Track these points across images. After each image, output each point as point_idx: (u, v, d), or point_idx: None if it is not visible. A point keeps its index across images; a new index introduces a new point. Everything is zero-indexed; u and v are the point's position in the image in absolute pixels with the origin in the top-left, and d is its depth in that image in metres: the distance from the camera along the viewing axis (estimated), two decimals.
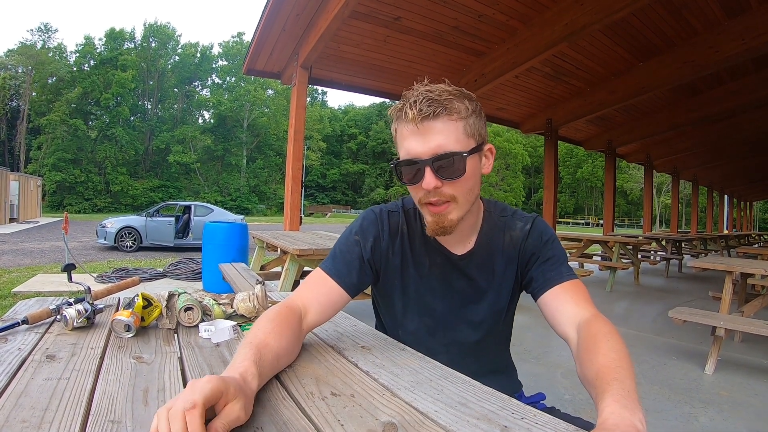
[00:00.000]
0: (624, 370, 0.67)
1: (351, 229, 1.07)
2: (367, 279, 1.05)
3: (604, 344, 0.75)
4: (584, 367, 0.75)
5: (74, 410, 0.62)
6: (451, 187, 0.90)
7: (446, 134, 0.87)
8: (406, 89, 0.92)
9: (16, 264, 7.80)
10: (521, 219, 1.06)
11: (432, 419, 0.64)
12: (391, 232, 1.05)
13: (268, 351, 0.75)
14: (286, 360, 0.82)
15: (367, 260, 1.03)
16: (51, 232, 15.82)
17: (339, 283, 0.99)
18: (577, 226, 54.61)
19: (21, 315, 0.99)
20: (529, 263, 1.02)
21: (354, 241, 1.04)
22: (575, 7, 5.01)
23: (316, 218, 45.04)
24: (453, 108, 0.88)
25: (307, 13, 5.17)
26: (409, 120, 0.87)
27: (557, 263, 0.99)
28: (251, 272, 3.99)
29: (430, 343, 1.08)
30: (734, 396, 2.88)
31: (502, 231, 1.06)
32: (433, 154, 0.87)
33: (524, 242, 1.03)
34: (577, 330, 0.85)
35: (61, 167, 42.03)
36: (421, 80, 0.92)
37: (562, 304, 0.92)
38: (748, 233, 18.39)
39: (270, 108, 53.30)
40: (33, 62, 44.05)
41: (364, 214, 1.09)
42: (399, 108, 0.90)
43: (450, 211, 0.92)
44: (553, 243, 1.03)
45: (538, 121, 9.15)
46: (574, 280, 0.95)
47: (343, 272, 1.00)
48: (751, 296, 4.50)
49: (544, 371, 3.18)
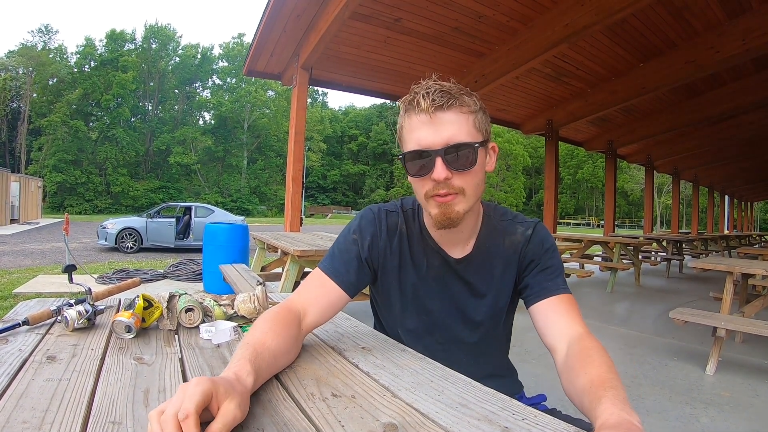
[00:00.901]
0: (617, 382, 0.69)
1: (349, 228, 1.07)
2: (366, 278, 1.05)
3: (598, 358, 0.76)
4: (575, 377, 0.76)
5: (75, 411, 0.62)
6: (461, 179, 0.90)
7: (458, 125, 0.88)
8: (414, 83, 0.92)
9: (17, 265, 7.81)
10: (522, 224, 1.06)
11: (433, 420, 0.63)
12: (389, 231, 1.05)
13: (264, 350, 0.75)
14: (285, 360, 0.82)
15: (365, 259, 1.03)
16: (52, 233, 15.83)
17: (338, 282, 0.99)
18: (578, 226, 54.61)
19: (22, 316, 0.99)
20: (527, 269, 1.02)
21: (352, 240, 1.04)
22: (576, 8, 5.02)
23: (316, 219, 45.04)
24: (464, 101, 0.89)
25: (307, 14, 5.18)
26: (422, 110, 0.87)
27: (554, 274, 0.99)
28: (252, 273, 3.99)
29: (428, 341, 1.09)
30: (735, 397, 2.88)
31: (501, 235, 1.05)
32: (445, 144, 0.87)
33: (525, 247, 1.03)
34: (567, 344, 0.85)
35: (61, 168, 42.06)
36: (429, 77, 0.92)
37: (555, 315, 0.92)
38: (748, 234, 18.35)
39: (270, 109, 53.33)
40: (34, 63, 44.11)
41: (362, 213, 1.09)
42: (410, 99, 0.90)
43: (457, 203, 0.91)
44: (553, 252, 1.03)
45: (539, 121, 9.16)
46: (569, 295, 0.96)
47: (341, 271, 1.00)
48: (752, 297, 4.49)
49: (544, 372, 3.17)
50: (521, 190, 60.81)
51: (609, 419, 0.59)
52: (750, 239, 16.24)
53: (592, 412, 0.65)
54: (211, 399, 0.57)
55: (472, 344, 1.09)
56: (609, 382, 0.68)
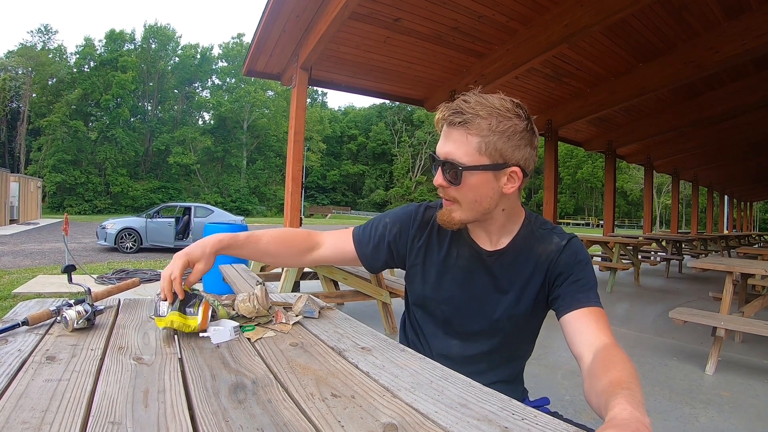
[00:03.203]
0: (636, 386, 0.70)
1: (391, 212, 1.22)
2: (383, 257, 1.18)
3: (620, 365, 0.78)
4: (597, 380, 0.77)
5: (74, 411, 0.62)
6: (455, 192, 0.98)
7: (458, 145, 0.94)
8: (462, 93, 0.98)
9: (17, 265, 7.80)
10: (559, 235, 1.08)
11: (432, 420, 0.64)
12: (422, 223, 1.16)
13: (254, 238, 1.15)
14: (271, 259, 1.21)
15: (388, 242, 1.17)
16: (51, 233, 15.82)
17: (356, 247, 1.19)
18: (578, 226, 54.59)
19: (21, 316, 0.99)
20: (558, 279, 1.03)
21: (384, 224, 1.19)
22: (575, 8, 5.01)
23: (316, 219, 45.05)
24: (473, 123, 0.92)
25: (307, 14, 5.17)
26: (439, 119, 0.98)
27: (587, 287, 1.00)
28: (251, 273, 3.99)
29: (448, 330, 1.13)
30: (735, 396, 2.88)
31: (538, 241, 1.08)
32: (444, 158, 0.96)
33: (558, 257, 1.04)
34: (594, 352, 0.87)
35: (61, 168, 42.04)
36: (474, 88, 0.99)
37: (584, 326, 0.94)
38: (748, 233, 18.37)
39: (270, 109, 53.34)
40: (33, 64, 44.08)
41: (407, 205, 1.22)
42: (441, 107, 0.98)
43: (453, 210, 1.01)
44: (586, 265, 1.04)
45: (538, 121, 9.11)
46: (599, 308, 0.97)
47: (363, 241, 1.19)
48: (752, 297, 4.49)
49: (544, 372, 3.18)
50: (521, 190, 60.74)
51: (621, 413, 0.60)
52: (749, 239, 16.25)
53: (606, 407, 0.65)
54: (188, 264, 1.03)
55: (489, 346, 1.10)
56: (627, 384, 0.69)
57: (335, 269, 4.09)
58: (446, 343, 1.12)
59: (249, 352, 0.92)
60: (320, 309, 1.25)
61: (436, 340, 1.14)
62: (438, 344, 1.13)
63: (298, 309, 1.21)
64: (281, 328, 1.09)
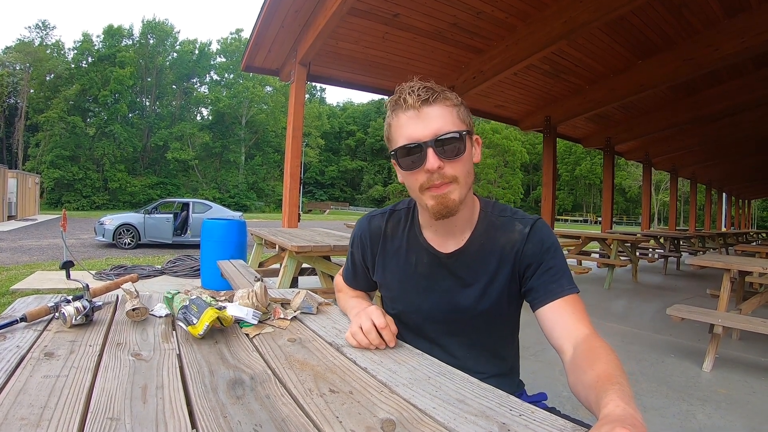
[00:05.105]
0: (624, 380, 0.69)
1: (351, 236, 1.24)
2: (368, 279, 1.23)
3: (605, 356, 0.77)
4: (582, 374, 0.76)
5: (73, 407, 0.62)
6: (452, 168, 0.94)
7: (444, 117, 0.93)
8: (398, 85, 0.97)
9: (15, 261, 7.79)
10: (521, 221, 1.04)
11: (430, 416, 0.64)
12: (372, 235, 1.16)
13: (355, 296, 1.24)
14: None
15: (362, 265, 1.21)
16: (49, 229, 15.79)
17: (351, 286, 1.28)
18: (576, 223, 54.66)
19: (19, 312, 0.99)
20: (529, 270, 1.00)
21: (351, 252, 1.24)
22: (575, 4, 5.00)
23: (314, 215, 44.99)
24: (446, 96, 0.95)
25: (305, 9, 5.16)
26: (409, 106, 0.93)
27: (558, 275, 0.97)
28: (250, 269, 3.98)
29: (421, 337, 1.12)
30: (732, 393, 2.89)
31: (499, 231, 1.04)
32: (434, 135, 0.92)
33: (523, 246, 1.01)
34: (574, 344, 0.86)
35: (59, 164, 41.87)
36: (411, 79, 0.99)
37: (561, 317, 0.92)
38: (746, 231, 18.45)
39: (268, 105, 53.15)
40: (31, 59, 43.80)
41: (357, 223, 1.23)
42: (396, 99, 0.96)
43: (452, 191, 0.95)
44: (555, 251, 1.01)
45: (537, 118, 9.14)
46: (574, 295, 0.96)
47: (350, 278, 1.27)
48: (749, 294, 4.51)
49: (542, 368, 3.19)
50: (519, 187, 60.81)
51: (614, 410, 0.60)
52: (747, 237, 16.28)
53: (598, 404, 0.65)
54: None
55: (468, 348, 1.09)
56: (616, 378, 0.69)
57: (333, 265, 4.09)
58: (426, 346, 1.06)
59: (247, 348, 0.92)
60: (318, 305, 1.25)
61: (417, 344, 1.08)
62: (420, 347, 1.10)
63: (296, 305, 1.21)
64: (279, 324, 1.09)
